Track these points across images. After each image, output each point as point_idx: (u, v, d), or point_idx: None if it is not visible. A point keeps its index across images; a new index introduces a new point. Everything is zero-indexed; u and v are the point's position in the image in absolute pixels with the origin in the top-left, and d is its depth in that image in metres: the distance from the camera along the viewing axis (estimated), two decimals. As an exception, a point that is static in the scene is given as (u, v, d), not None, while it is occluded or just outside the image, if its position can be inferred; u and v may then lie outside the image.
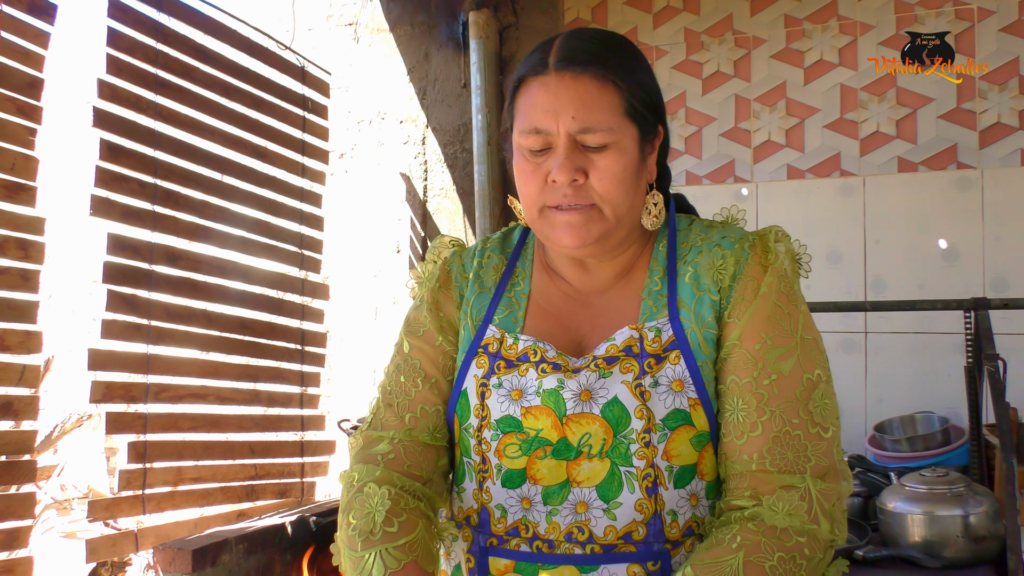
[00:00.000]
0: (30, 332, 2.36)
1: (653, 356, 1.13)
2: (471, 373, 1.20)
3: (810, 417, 1.10)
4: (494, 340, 1.21)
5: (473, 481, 1.18)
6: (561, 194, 1.14)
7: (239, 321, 3.13)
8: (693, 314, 1.16)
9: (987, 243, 3.02)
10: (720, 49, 3.40)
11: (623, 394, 1.11)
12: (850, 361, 3.15)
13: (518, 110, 1.19)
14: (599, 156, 1.13)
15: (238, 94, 3.16)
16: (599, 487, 1.11)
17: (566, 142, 1.13)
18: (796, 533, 1.04)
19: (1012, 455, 2.09)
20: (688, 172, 3.38)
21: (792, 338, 1.14)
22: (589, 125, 1.12)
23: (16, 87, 2.36)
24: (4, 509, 2.30)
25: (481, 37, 3.53)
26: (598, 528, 1.10)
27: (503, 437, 1.15)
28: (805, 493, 1.07)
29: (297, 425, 3.37)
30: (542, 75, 1.15)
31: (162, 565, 2.38)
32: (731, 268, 1.17)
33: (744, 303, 1.15)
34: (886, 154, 3.16)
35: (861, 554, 2.19)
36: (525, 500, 1.13)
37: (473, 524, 1.17)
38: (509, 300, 1.26)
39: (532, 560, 1.11)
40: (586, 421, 1.12)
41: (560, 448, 1.12)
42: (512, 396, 1.15)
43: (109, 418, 2.63)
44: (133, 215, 2.72)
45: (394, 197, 3.80)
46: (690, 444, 1.11)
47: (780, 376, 1.11)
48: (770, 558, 1.02)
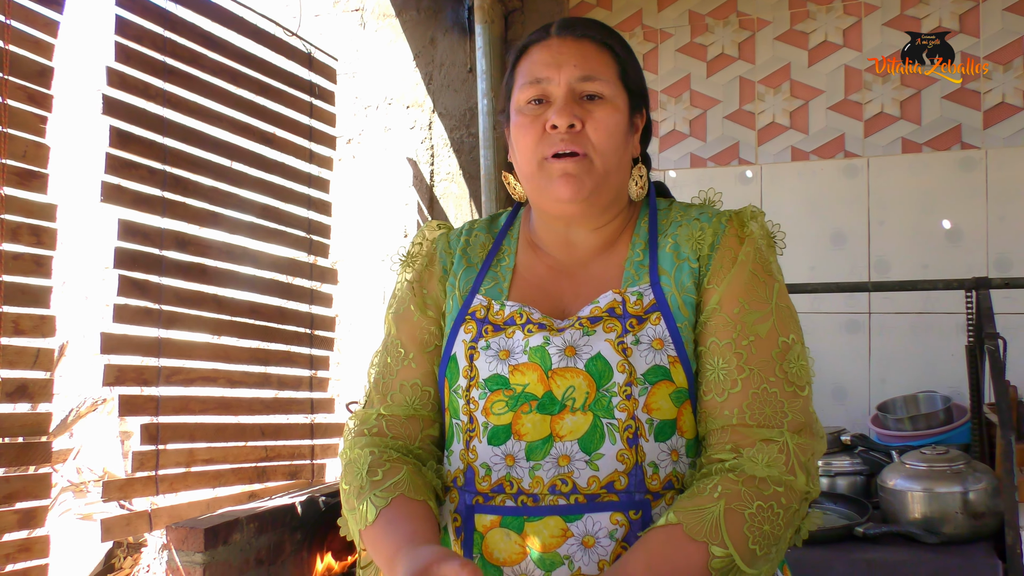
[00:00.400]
0: (44, 316, 2.41)
1: (635, 317, 1.18)
2: (459, 338, 1.24)
3: (785, 376, 1.15)
4: (481, 307, 1.26)
5: (460, 442, 1.21)
6: (559, 139, 1.19)
7: (249, 305, 3.17)
8: (673, 280, 1.21)
9: (991, 223, 3.02)
10: (724, 31, 3.40)
11: (606, 350, 1.16)
12: (854, 341, 3.17)
13: (518, 74, 1.26)
14: (596, 107, 1.21)
15: (246, 81, 3.20)
16: (581, 440, 1.14)
17: (566, 91, 1.20)
18: (774, 483, 1.09)
19: (1010, 432, 2.11)
20: (693, 154, 3.39)
21: (768, 304, 1.18)
22: (589, 73, 1.21)
23: (27, 75, 2.39)
24: (21, 489, 2.35)
25: (486, 21, 3.55)
26: (581, 479, 1.13)
27: (491, 395, 1.18)
28: (783, 446, 1.11)
29: (307, 408, 3.42)
30: (544, 40, 1.24)
31: (175, 544, 2.43)
32: (709, 238, 1.22)
33: (722, 271, 1.19)
34: (890, 135, 3.17)
35: (862, 531, 2.21)
36: (509, 457, 1.16)
37: (459, 484, 1.20)
38: (495, 274, 1.30)
39: (517, 514, 1.14)
40: (570, 375, 1.16)
41: (545, 402, 1.16)
42: (500, 356, 1.19)
43: (122, 401, 2.68)
44: (143, 201, 2.76)
45: (401, 182, 3.82)
46: (669, 399, 1.15)
47: (757, 337, 1.16)
48: (749, 506, 1.06)
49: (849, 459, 2.58)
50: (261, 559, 2.63)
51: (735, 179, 3.34)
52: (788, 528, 1.11)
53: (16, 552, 2.31)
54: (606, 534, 1.12)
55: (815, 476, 1.14)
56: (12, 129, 2.35)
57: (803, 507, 1.13)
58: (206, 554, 2.43)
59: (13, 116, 2.35)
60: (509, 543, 1.14)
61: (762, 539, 1.07)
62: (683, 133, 3.42)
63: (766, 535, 1.07)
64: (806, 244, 3.23)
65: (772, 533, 1.08)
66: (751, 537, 1.06)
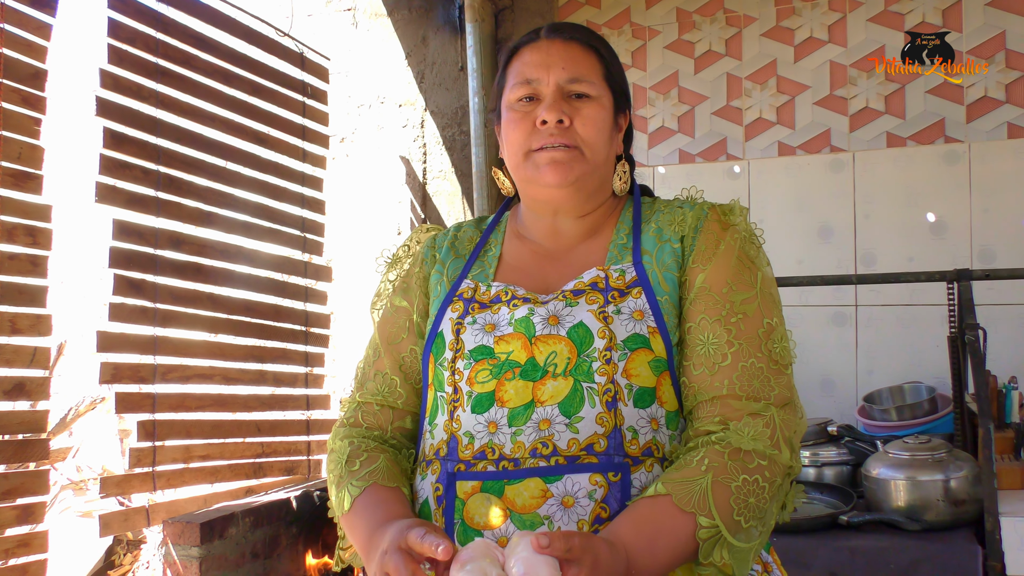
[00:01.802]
0: (40, 316, 2.44)
1: (616, 290, 1.23)
2: (447, 317, 1.29)
3: (770, 354, 1.21)
4: (468, 289, 1.32)
5: (444, 413, 1.25)
6: (548, 134, 1.26)
7: (244, 304, 3.20)
8: (655, 258, 1.26)
9: (975, 215, 3.06)
10: (712, 28, 3.44)
11: (588, 319, 1.21)
12: (841, 334, 3.21)
13: (509, 75, 1.33)
14: (583, 104, 1.28)
15: (238, 81, 3.23)
16: (561, 404, 1.18)
17: (555, 90, 1.27)
18: (759, 456, 1.14)
19: (989, 421, 2.14)
20: (681, 151, 3.43)
21: (753, 288, 1.24)
22: (577, 75, 1.28)
23: (20, 78, 2.42)
24: (20, 486, 2.39)
25: (477, 20, 3.58)
26: (561, 441, 1.16)
27: (475, 365, 1.23)
28: (770, 420, 1.16)
29: (303, 404, 3.46)
30: (534, 42, 1.32)
31: (172, 538, 2.46)
32: (691, 221, 1.28)
33: (708, 251, 1.25)
34: (875, 130, 3.21)
35: (846, 519, 2.25)
36: (492, 424, 1.20)
37: (442, 455, 1.23)
38: (482, 262, 1.37)
39: (498, 478, 1.17)
40: (553, 341, 1.20)
41: (527, 369, 1.20)
42: (485, 329, 1.25)
43: (119, 398, 2.72)
44: (137, 201, 2.80)
45: (394, 180, 3.86)
46: (648, 367, 1.20)
47: (745, 316, 1.21)
48: (735, 479, 1.11)
49: (836, 449, 2.62)
50: (257, 553, 2.67)
51: (723, 174, 3.38)
52: (773, 501, 1.15)
53: (16, 547, 2.35)
54: (585, 494, 1.15)
55: (798, 452, 1.19)
56: (7, 131, 2.38)
57: (786, 482, 1.17)
58: (202, 548, 2.46)
59: (8, 118, 2.38)
60: (489, 507, 1.17)
61: (747, 511, 1.11)
62: (671, 129, 3.46)
63: (751, 507, 1.11)
64: (793, 238, 3.27)
65: (757, 506, 1.12)
66: (736, 508, 1.10)
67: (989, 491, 2.12)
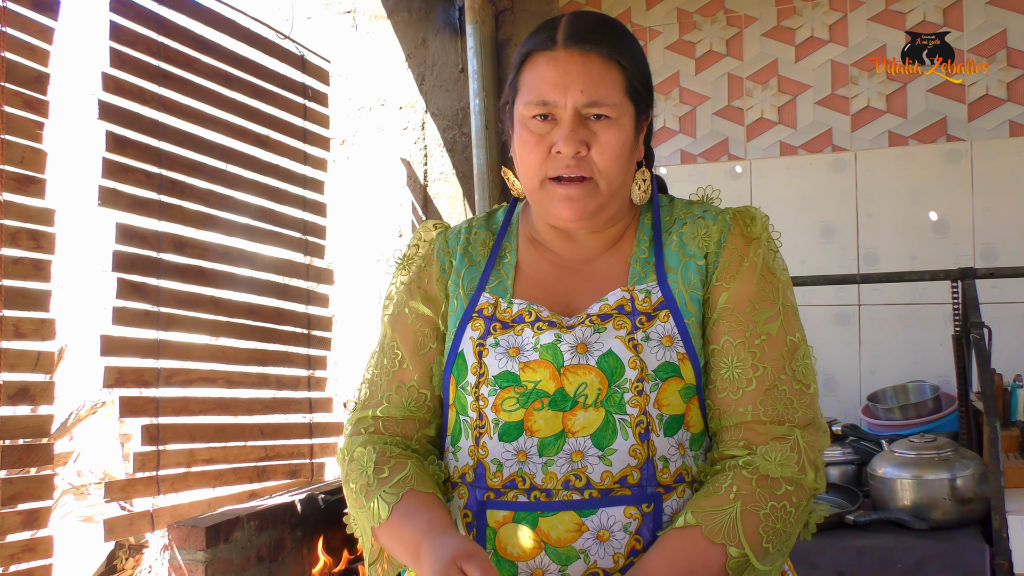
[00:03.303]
0: (44, 320, 2.43)
1: (644, 314, 1.20)
2: (467, 336, 1.25)
3: (794, 374, 1.20)
4: (488, 305, 1.26)
5: (469, 438, 1.22)
6: (564, 164, 1.19)
7: (246, 307, 3.20)
8: (680, 277, 1.23)
9: (977, 214, 3.07)
10: (712, 28, 3.44)
11: (617, 347, 1.18)
12: (844, 333, 3.21)
13: (523, 83, 1.24)
14: (602, 130, 1.20)
15: (239, 84, 3.22)
16: (594, 435, 1.16)
17: (572, 115, 1.19)
18: (786, 483, 1.14)
19: (995, 420, 2.15)
20: (683, 151, 3.43)
21: (775, 304, 1.22)
22: (596, 99, 1.19)
23: (23, 82, 2.42)
24: (24, 491, 2.38)
25: (477, 22, 3.58)
26: (595, 474, 1.15)
27: (500, 392, 1.19)
28: (795, 444, 1.16)
29: (305, 407, 3.45)
30: (550, 50, 1.21)
31: (177, 542, 2.46)
32: (715, 236, 1.24)
33: (731, 269, 1.22)
34: (877, 129, 3.21)
35: (852, 519, 2.25)
36: (521, 453, 1.17)
37: (469, 480, 1.21)
38: (498, 272, 1.31)
39: (531, 509, 1.15)
40: (583, 371, 1.18)
41: (557, 399, 1.17)
42: (510, 353, 1.21)
43: (122, 402, 2.71)
44: (140, 205, 2.79)
45: (395, 182, 3.86)
46: (679, 395, 1.18)
47: (768, 336, 1.20)
48: (764, 507, 1.11)
49: (840, 449, 2.62)
50: (262, 556, 2.66)
51: (725, 174, 3.38)
52: (798, 524, 1.15)
53: (21, 552, 2.34)
54: (620, 527, 1.14)
55: (822, 471, 1.19)
56: (9, 135, 2.37)
57: (810, 503, 1.17)
58: (208, 552, 2.46)
59: (10, 122, 2.38)
60: (523, 538, 1.15)
61: (775, 537, 1.11)
62: (673, 130, 3.46)
63: (779, 533, 1.11)
64: (796, 238, 3.27)
65: (784, 531, 1.12)
66: (765, 536, 1.10)
67: (996, 489, 2.12)
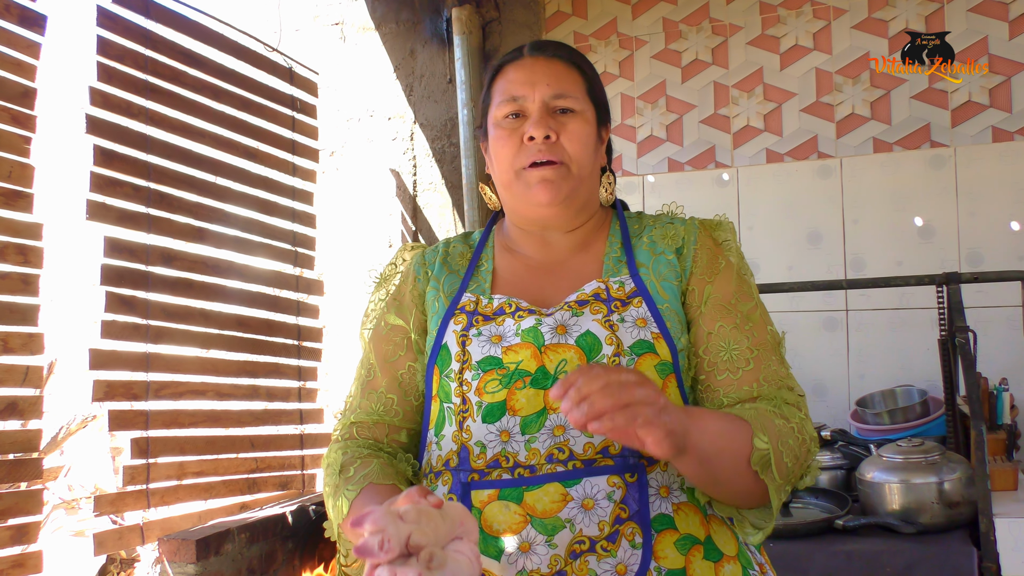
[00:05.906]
0: (32, 334, 2.43)
1: (618, 300, 1.27)
2: (450, 329, 1.30)
3: (782, 360, 1.29)
4: (470, 302, 1.32)
5: (452, 424, 1.25)
6: (536, 150, 1.28)
7: (236, 319, 3.20)
8: (651, 270, 1.31)
9: (961, 219, 3.09)
10: (698, 37, 3.46)
11: (594, 327, 1.23)
12: (832, 339, 3.23)
13: (495, 92, 1.36)
14: (568, 120, 1.31)
15: (228, 97, 3.23)
16: None
17: (540, 107, 1.30)
18: (792, 415, 1.21)
19: (981, 423, 2.16)
20: (670, 159, 3.45)
21: (753, 299, 1.31)
22: (561, 92, 1.31)
23: (10, 97, 2.43)
24: (13, 506, 2.38)
25: (464, 33, 3.60)
26: (577, 446, 1.18)
27: (484, 375, 1.24)
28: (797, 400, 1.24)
29: (296, 418, 3.45)
30: (518, 60, 1.35)
31: (167, 556, 2.45)
32: (685, 236, 1.34)
33: (710, 267, 1.31)
34: (861, 135, 3.23)
35: (841, 523, 2.26)
36: (504, 433, 1.21)
37: (452, 465, 1.24)
38: (477, 277, 1.38)
39: (515, 485, 1.18)
40: (562, 349, 1.22)
41: (538, 377, 1.21)
42: (492, 340, 1.26)
43: (112, 416, 2.71)
44: (128, 218, 2.80)
45: (384, 193, 3.87)
46: (655, 370, 1.23)
47: (754, 323, 1.28)
48: (776, 420, 1.18)
49: (829, 454, 2.63)
50: (253, 569, 2.66)
51: (712, 182, 3.40)
52: (807, 457, 1.20)
53: (10, 568, 2.33)
54: (604, 496, 1.16)
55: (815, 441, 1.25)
56: (-3, 150, 2.38)
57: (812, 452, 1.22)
58: (198, 565, 2.45)
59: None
60: (508, 513, 1.17)
61: (786, 449, 1.16)
62: (660, 138, 3.48)
63: (790, 448, 1.16)
64: (783, 244, 3.29)
65: (793, 450, 1.17)
66: (780, 441, 1.15)
67: (983, 492, 2.13)
